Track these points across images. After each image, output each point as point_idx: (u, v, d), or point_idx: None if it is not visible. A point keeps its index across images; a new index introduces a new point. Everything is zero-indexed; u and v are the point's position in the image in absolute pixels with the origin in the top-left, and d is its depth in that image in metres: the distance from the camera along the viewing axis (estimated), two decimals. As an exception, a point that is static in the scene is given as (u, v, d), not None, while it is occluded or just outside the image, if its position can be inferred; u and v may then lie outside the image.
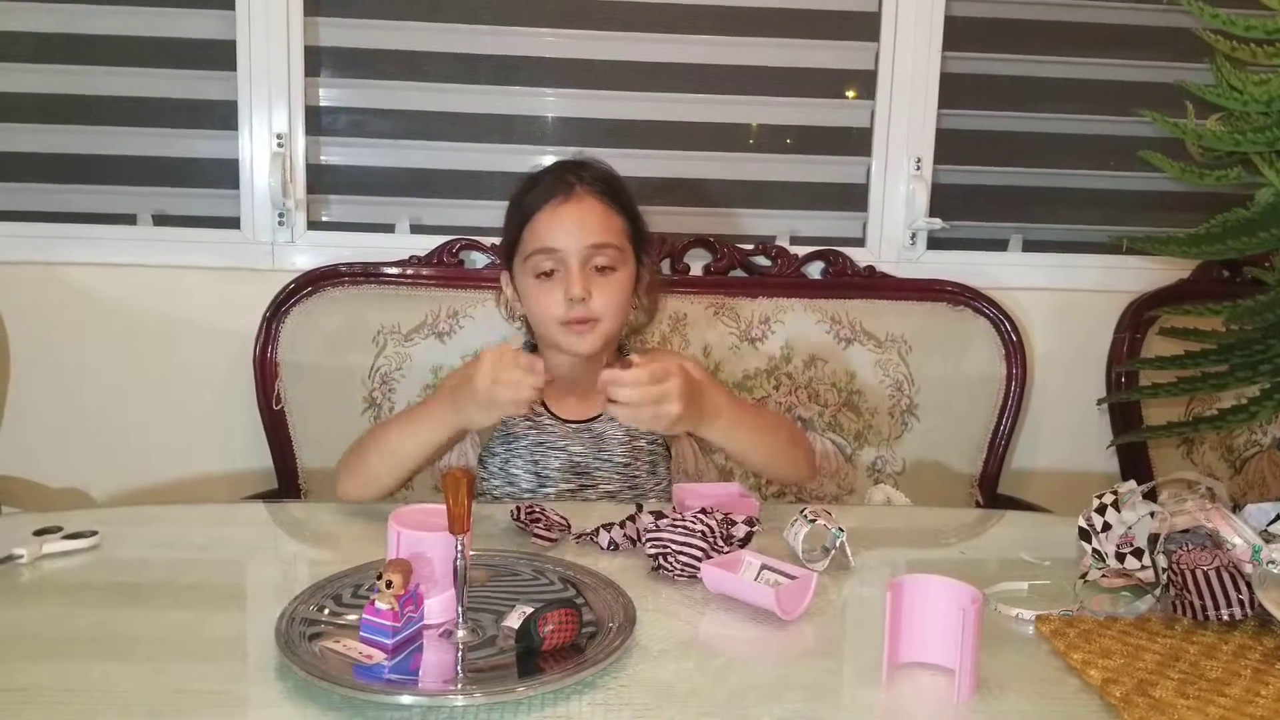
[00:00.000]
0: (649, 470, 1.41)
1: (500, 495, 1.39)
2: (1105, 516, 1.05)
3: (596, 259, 1.31)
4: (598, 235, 1.31)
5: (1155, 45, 1.87)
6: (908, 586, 0.83)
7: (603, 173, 1.37)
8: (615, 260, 1.32)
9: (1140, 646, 0.88)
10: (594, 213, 1.32)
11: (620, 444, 1.38)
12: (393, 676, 0.80)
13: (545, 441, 1.36)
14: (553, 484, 1.36)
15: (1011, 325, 1.77)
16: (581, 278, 1.29)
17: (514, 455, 1.37)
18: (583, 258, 1.30)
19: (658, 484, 1.41)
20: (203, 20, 1.73)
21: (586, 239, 1.30)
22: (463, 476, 0.84)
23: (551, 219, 1.31)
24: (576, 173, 1.35)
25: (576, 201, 1.32)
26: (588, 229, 1.31)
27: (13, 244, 1.72)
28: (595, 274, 1.31)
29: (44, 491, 1.75)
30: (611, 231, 1.33)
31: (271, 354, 1.67)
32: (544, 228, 1.31)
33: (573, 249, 1.30)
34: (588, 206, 1.32)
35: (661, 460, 1.43)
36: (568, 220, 1.31)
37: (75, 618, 0.90)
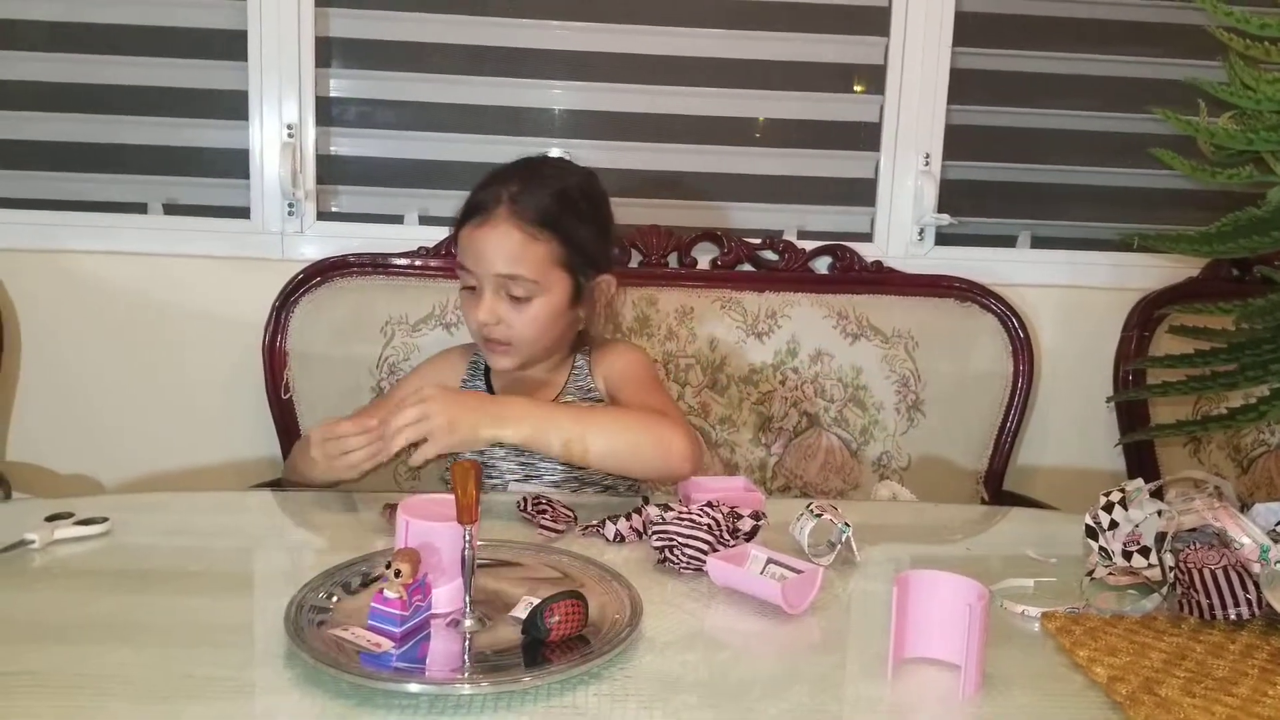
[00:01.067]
0: None
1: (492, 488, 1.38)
2: (1112, 514, 1.05)
3: (509, 287, 1.30)
4: (507, 266, 1.29)
5: (1166, 42, 1.87)
6: (914, 582, 0.83)
7: (544, 193, 1.32)
8: (530, 291, 1.30)
9: (1146, 644, 0.88)
10: (508, 242, 1.29)
11: None
12: (400, 665, 0.81)
13: None
14: (499, 476, 1.36)
15: (1019, 322, 1.76)
16: (491, 303, 1.30)
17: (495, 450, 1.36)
18: (494, 284, 1.30)
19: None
20: (214, 10, 1.73)
21: (495, 268, 1.29)
22: (471, 467, 0.85)
23: (469, 239, 1.31)
24: (514, 189, 1.30)
25: (492, 227, 1.29)
26: (499, 257, 1.29)
27: (23, 231, 1.73)
28: (509, 300, 1.31)
29: (54, 478, 1.76)
30: (526, 262, 1.29)
31: (280, 343, 1.68)
32: (464, 245, 1.33)
33: (484, 274, 1.30)
34: (502, 234, 1.29)
35: None
36: (480, 245, 1.30)
37: (86, 603, 0.90)
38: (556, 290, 1.33)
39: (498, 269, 1.29)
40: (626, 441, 1.22)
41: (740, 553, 0.99)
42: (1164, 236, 1.18)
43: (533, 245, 1.30)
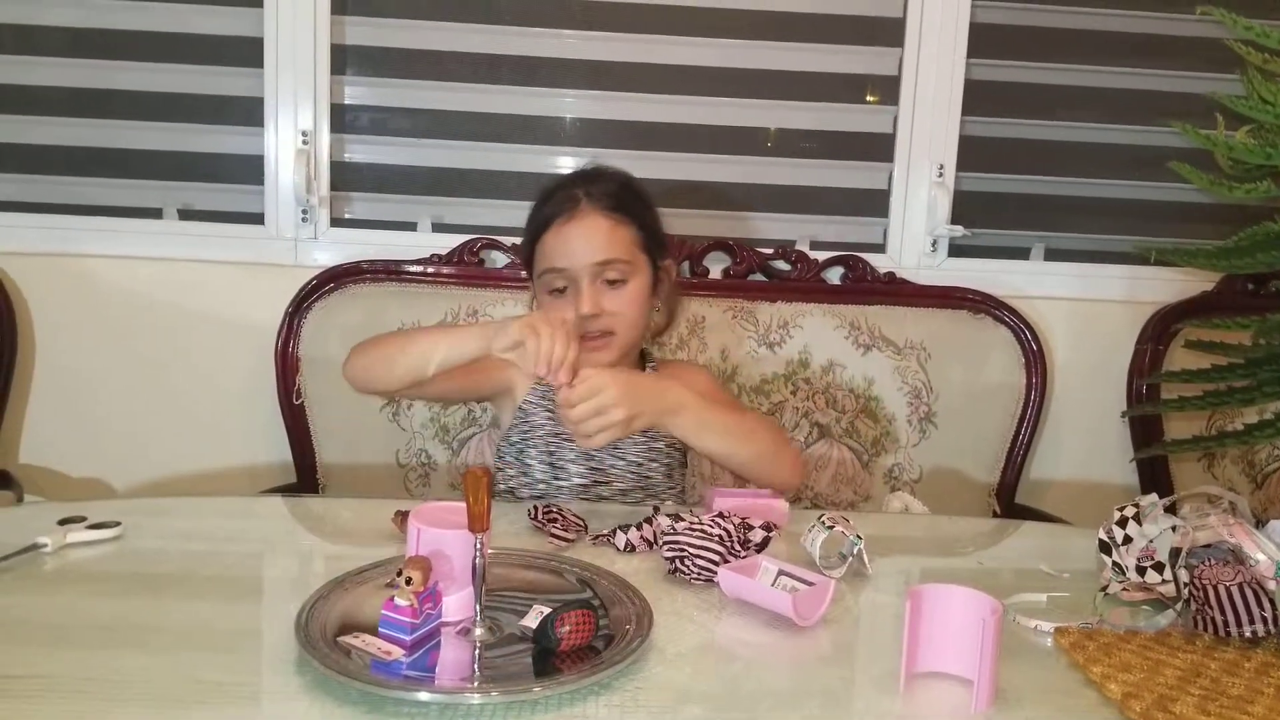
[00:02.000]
0: (664, 473, 1.41)
1: (514, 487, 1.40)
2: (1126, 529, 1.04)
3: (606, 274, 1.34)
4: (603, 252, 1.33)
5: (1181, 55, 1.86)
6: (927, 595, 0.83)
7: (612, 183, 1.38)
8: (625, 273, 1.35)
9: (1161, 661, 0.87)
10: (599, 229, 1.34)
11: (636, 444, 1.39)
12: (410, 673, 0.81)
13: (563, 432, 1.35)
14: (566, 477, 1.37)
15: (1032, 334, 1.76)
16: (590, 294, 1.33)
17: (530, 444, 1.39)
18: (591, 275, 1.33)
19: (672, 487, 1.41)
20: (231, 17, 1.74)
21: (592, 257, 1.33)
22: (483, 475, 0.85)
23: (558, 239, 1.34)
24: (585, 186, 1.37)
25: (580, 220, 1.34)
26: (593, 247, 1.33)
27: (38, 236, 1.74)
28: (606, 287, 1.34)
29: (65, 481, 1.77)
30: (618, 245, 1.35)
31: (293, 349, 1.68)
32: (551, 248, 1.35)
33: (580, 268, 1.33)
34: (591, 225, 1.34)
35: (677, 465, 1.43)
36: (573, 240, 1.34)
37: (97, 607, 0.90)
38: (642, 272, 1.37)
39: (594, 258, 1.33)
40: (763, 447, 1.30)
41: (751, 564, 0.98)
42: (1181, 251, 1.17)
43: (619, 229, 1.35)
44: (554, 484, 1.37)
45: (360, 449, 1.70)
